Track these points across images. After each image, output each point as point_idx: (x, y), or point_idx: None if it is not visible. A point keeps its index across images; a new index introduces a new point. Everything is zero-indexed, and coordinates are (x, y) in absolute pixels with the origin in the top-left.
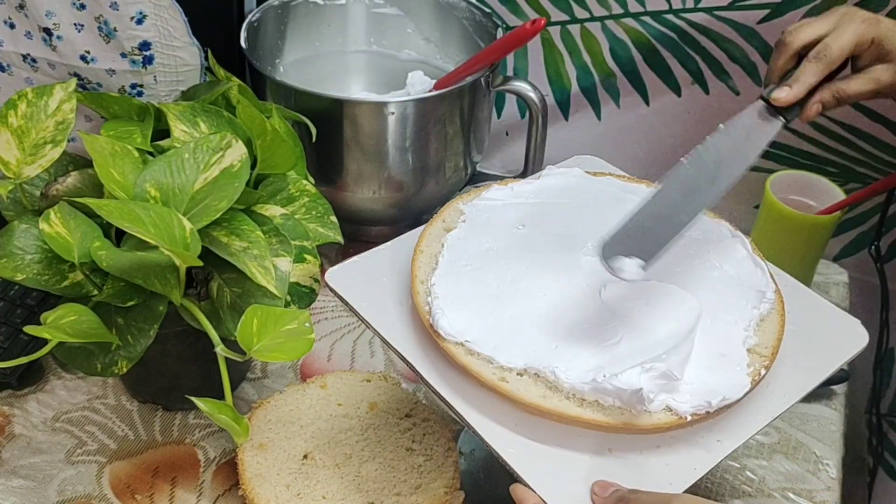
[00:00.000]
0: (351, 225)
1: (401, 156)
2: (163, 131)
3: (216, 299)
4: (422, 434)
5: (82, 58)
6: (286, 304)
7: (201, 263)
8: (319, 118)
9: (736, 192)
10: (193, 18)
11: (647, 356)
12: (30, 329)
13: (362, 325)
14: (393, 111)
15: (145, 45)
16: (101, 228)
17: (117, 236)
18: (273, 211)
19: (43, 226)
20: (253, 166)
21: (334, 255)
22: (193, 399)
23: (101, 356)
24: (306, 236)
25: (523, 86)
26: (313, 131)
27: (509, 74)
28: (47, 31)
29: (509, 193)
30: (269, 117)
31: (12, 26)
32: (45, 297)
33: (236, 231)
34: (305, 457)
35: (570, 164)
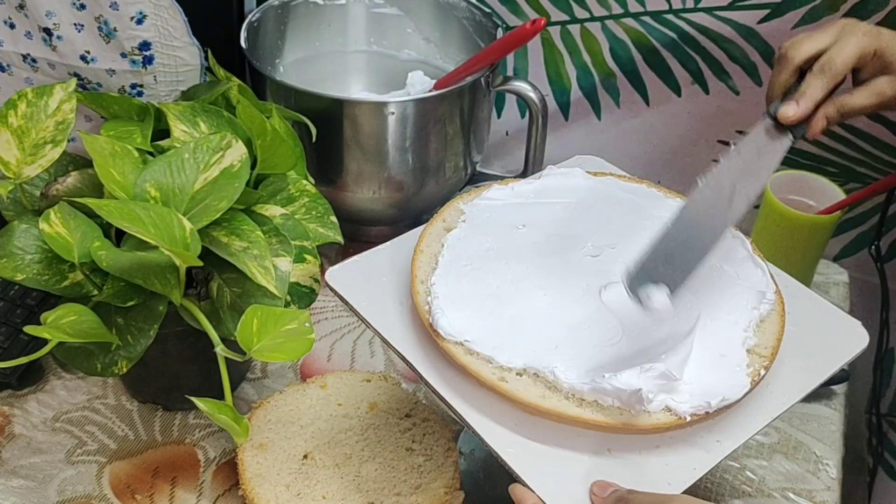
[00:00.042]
0: (351, 225)
1: (401, 156)
2: (163, 131)
3: (216, 299)
4: (422, 434)
5: (82, 58)
6: (286, 304)
7: (201, 263)
8: (319, 118)
9: None
10: (193, 18)
11: (646, 356)
12: (30, 329)
13: (362, 325)
14: (393, 111)
15: (145, 45)
16: (101, 228)
17: (117, 236)
18: (273, 211)
19: (43, 226)
20: (253, 166)
21: (334, 255)
22: (193, 399)
23: (101, 356)
24: (306, 236)
25: (523, 86)
26: (313, 131)
27: (509, 74)
28: (47, 31)
29: (510, 193)
30: (269, 117)
31: (12, 26)
32: (45, 297)
33: (236, 231)
34: (305, 457)
35: (570, 164)
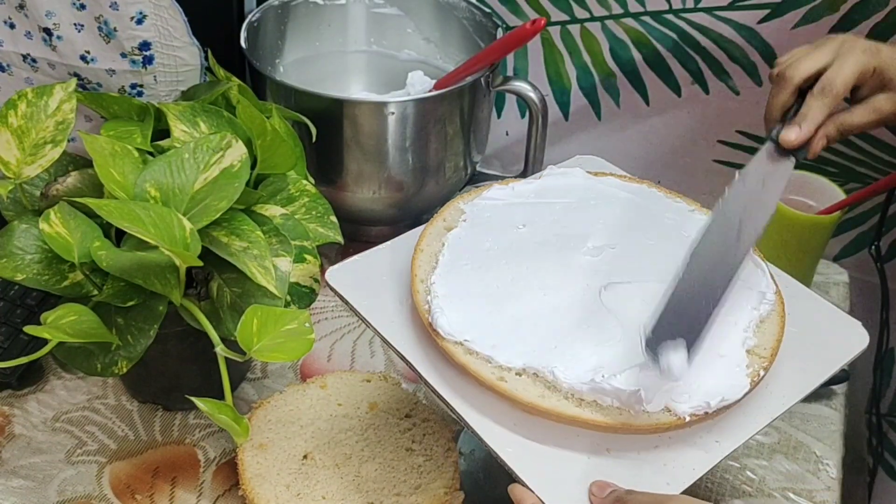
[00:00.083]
0: (351, 225)
1: (401, 156)
2: (163, 131)
3: (216, 299)
4: (422, 434)
5: (82, 58)
6: (286, 304)
7: (201, 263)
8: (319, 118)
9: None
10: (193, 18)
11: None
12: (30, 329)
13: (362, 324)
14: (393, 111)
15: (145, 45)
16: (101, 228)
17: (117, 236)
18: (273, 211)
19: (43, 226)
20: (253, 166)
21: (334, 255)
22: (193, 399)
23: (101, 356)
24: (306, 236)
25: (523, 86)
26: (313, 131)
27: (509, 74)
28: (47, 31)
29: (510, 193)
30: (269, 117)
31: (12, 26)
32: (45, 297)
33: (236, 231)
34: (305, 457)
35: (571, 164)
